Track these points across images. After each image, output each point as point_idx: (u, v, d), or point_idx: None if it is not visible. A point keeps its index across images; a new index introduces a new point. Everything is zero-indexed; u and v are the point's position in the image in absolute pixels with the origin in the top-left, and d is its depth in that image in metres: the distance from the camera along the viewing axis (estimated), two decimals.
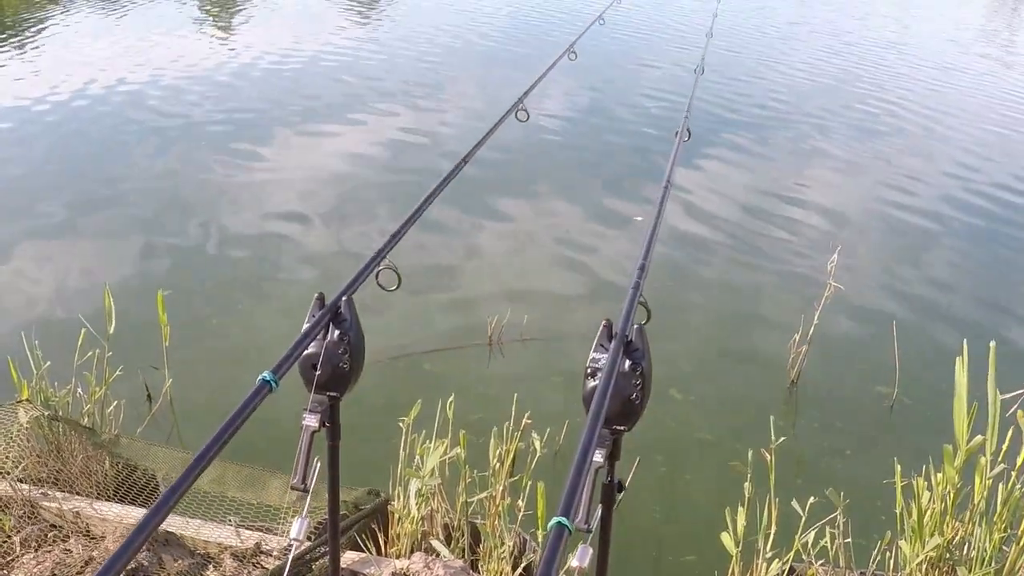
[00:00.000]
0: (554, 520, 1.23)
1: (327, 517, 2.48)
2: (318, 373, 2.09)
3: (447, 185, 2.88)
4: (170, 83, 12.49)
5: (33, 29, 17.71)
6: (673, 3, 23.99)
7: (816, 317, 5.42)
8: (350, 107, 11.52)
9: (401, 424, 3.47)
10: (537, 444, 3.32)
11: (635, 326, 1.98)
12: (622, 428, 1.99)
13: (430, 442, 3.31)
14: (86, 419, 4.01)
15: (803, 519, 3.06)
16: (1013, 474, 2.95)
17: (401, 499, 3.39)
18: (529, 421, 3.35)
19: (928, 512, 2.97)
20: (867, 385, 5.65)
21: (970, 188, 9.42)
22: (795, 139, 11.08)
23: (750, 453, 3.06)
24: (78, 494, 3.45)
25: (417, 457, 3.32)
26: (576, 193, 8.78)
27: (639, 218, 7.99)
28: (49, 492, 3.38)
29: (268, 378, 1.76)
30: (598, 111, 12.04)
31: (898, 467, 3.09)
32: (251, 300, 6.52)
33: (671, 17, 21.15)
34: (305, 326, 2.03)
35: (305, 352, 2.06)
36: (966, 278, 7.43)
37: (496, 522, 3.25)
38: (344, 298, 2.14)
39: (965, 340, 3.04)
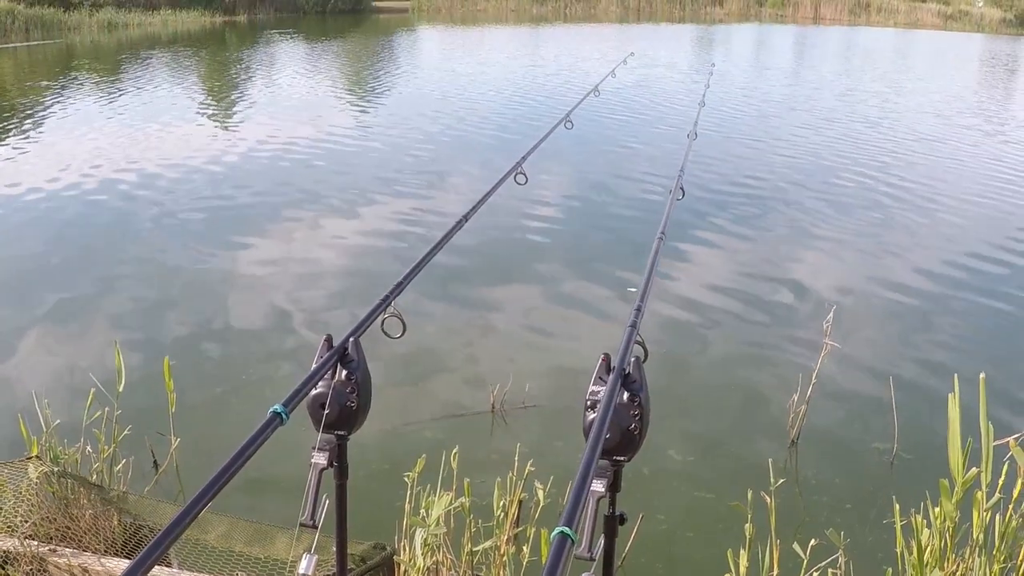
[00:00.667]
0: (557, 530, 1.27)
1: (334, 569, 2.51)
2: (326, 412, 2.16)
3: (450, 239, 2.96)
4: (169, 171, 12.77)
5: (32, 115, 18.05)
6: (665, 76, 24.57)
7: (814, 377, 5.47)
8: (354, 187, 11.77)
9: (406, 479, 3.52)
10: (540, 494, 3.37)
11: (632, 359, 2.04)
12: (622, 459, 2.03)
13: (435, 495, 3.36)
14: (95, 476, 4.06)
15: (805, 561, 3.10)
16: (1010, 507, 3.00)
17: (407, 551, 3.42)
18: (532, 469, 3.40)
19: (928, 549, 3.01)
20: (867, 442, 5.68)
21: (960, 250, 9.58)
22: (786, 205, 11.26)
23: (749, 494, 3.09)
24: (86, 550, 3.48)
25: (423, 510, 3.36)
26: (576, 260, 8.91)
27: (632, 289, 8.11)
28: (58, 548, 3.41)
29: (279, 410, 1.83)
30: (594, 177, 12.31)
31: (897, 506, 3.13)
32: (254, 373, 6.57)
33: (664, 89, 21.69)
34: (314, 366, 2.11)
35: (314, 392, 2.13)
36: (959, 335, 7.48)
37: (501, 572, 3.28)
38: (352, 339, 2.21)
39: (956, 375, 3.10)
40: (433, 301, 7.57)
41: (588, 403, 2.01)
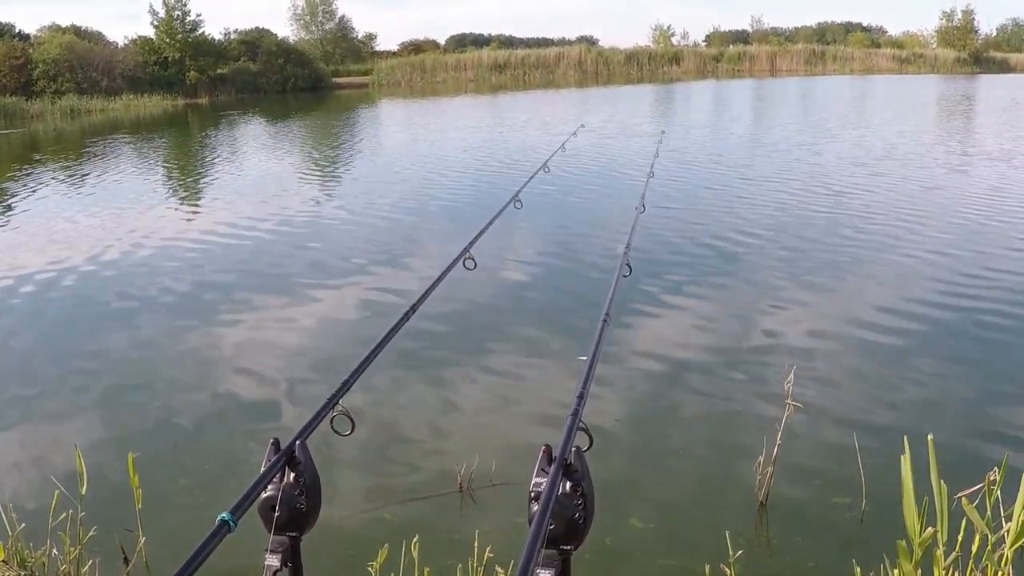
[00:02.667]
0: None
1: None
2: (276, 515, 2.18)
3: (397, 332, 2.99)
4: (138, 256, 12.86)
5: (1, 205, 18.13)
6: (615, 147, 24.90)
7: (779, 438, 5.52)
8: (311, 274, 11.81)
9: (370, 569, 3.53)
10: None
11: (573, 449, 2.08)
12: (569, 548, 2.06)
13: None
14: None
15: None
16: (970, 562, 3.04)
17: None
18: (491, 555, 3.41)
19: None
20: (835, 499, 5.70)
21: (916, 300, 9.71)
22: (737, 270, 11.38)
23: (707, 568, 3.12)
24: None
25: None
26: (533, 338, 8.91)
27: (583, 358, 8.12)
28: None
29: (227, 518, 1.85)
30: (544, 256, 12.37)
31: (857, 569, 3.16)
32: (217, 462, 6.55)
33: (613, 161, 22.01)
34: (262, 469, 2.14)
35: (264, 495, 2.15)
36: (919, 384, 7.54)
37: None
38: (298, 442, 2.23)
39: (905, 437, 3.15)
40: (392, 386, 7.58)
41: (532, 494, 2.04)
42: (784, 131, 29.63)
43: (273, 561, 2.17)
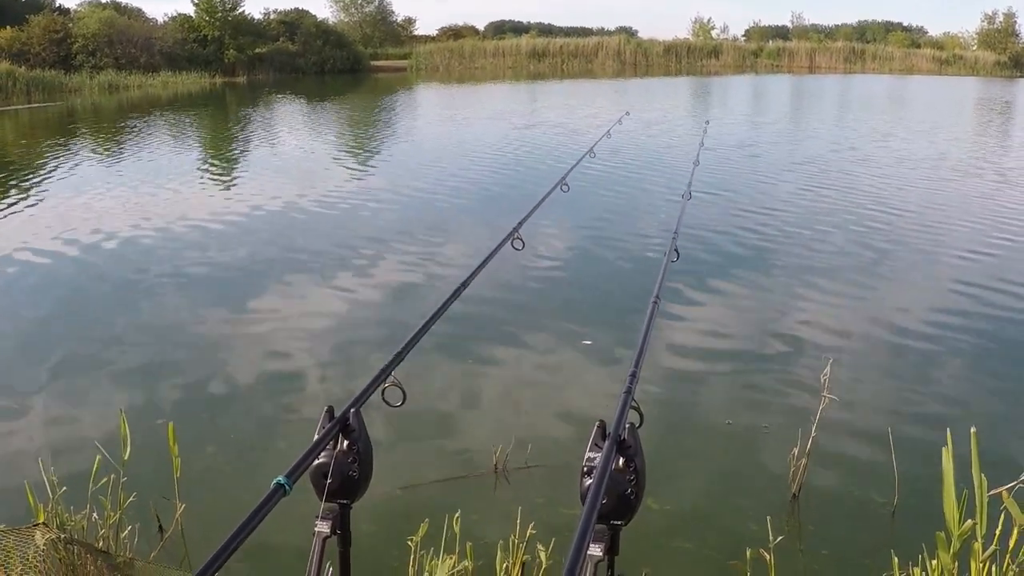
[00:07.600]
0: None
1: None
2: (329, 482, 2.20)
3: (449, 307, 3.01)
4: (168, 233, 13.00)
5: (33, 177, 18.27)
6: (660, 135, 24.82)
7: (813, 430, 5.50)
8: (353, 251, 11.88)
9: (410, 543, 3.55)
10: (543, 556, 3.39)
11: (627, 425, 2.09)
12: (619, 523, 2.07)
13: (438, 559, 3.38)
14: (101, 543, 4.09)
15: None
16: (1007, 556, 3.03)
17: None
18: (534, 532, 3.43)
19: None
20: (868, 493, 5.68)
21: (956, 299, 9.66)
22: (781, 261, 11.35)
23: (748, 552, 3.12)
24: None
25: (426, 574, 3.38)
26: (574, 322, 8.90)
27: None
28: None
29: (283, 481, 1.87)
30: (591, 240, 12.39)
31: (895, 559, 3.16)
32: (257, 436, 6.59)
33: (659, 148, 21.91)
34: (316, 436, 2.16)
35: (316, 462, 2.17)
36: (956, 383, 7.50)
37: None
38: (352, 410, 2.25)
39: (948, 430, 3.14)
40: (433, 362, 7.61)
41: (584, 469, 2.05)
42: (827, 127, 29.49)
43: (323, 528, 2.19)
